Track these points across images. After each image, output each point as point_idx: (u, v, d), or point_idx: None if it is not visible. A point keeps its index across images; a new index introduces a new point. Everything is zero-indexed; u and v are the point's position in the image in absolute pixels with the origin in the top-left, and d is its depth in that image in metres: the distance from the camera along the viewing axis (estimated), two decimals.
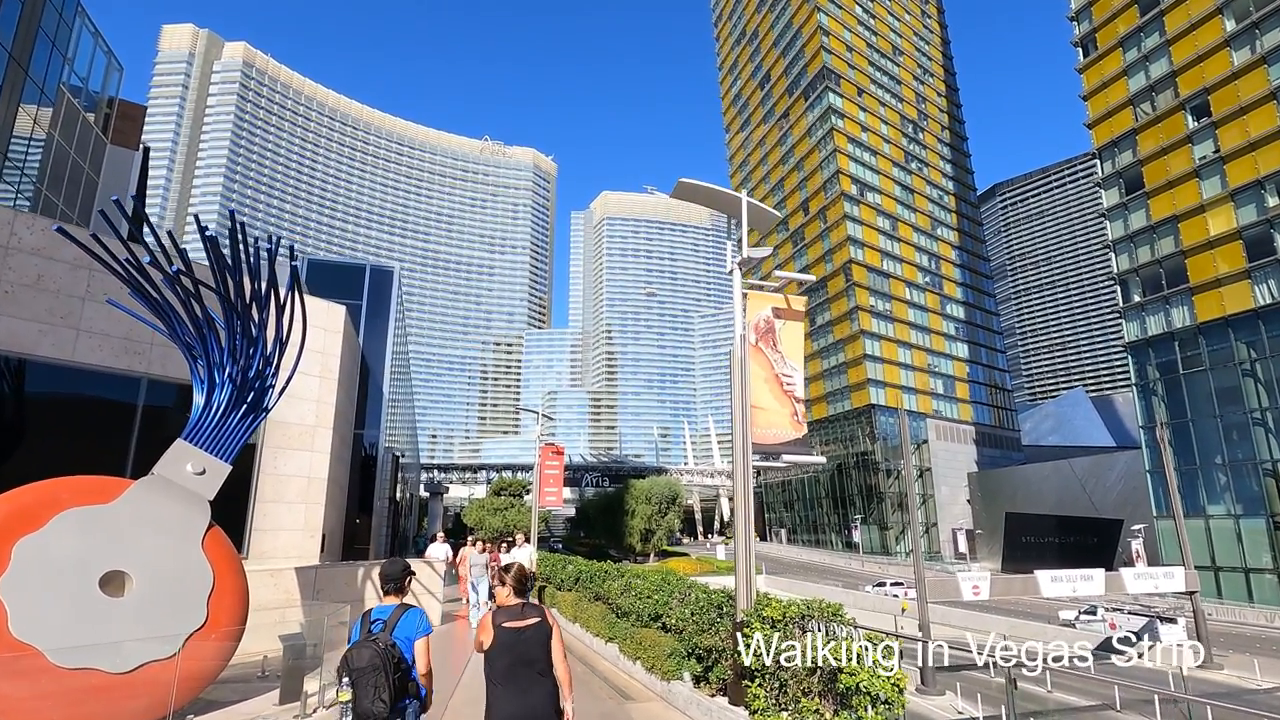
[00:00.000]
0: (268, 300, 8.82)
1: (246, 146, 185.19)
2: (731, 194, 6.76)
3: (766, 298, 6.84)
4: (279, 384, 9.24)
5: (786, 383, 6.73)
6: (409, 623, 4.11)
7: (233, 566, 7.25)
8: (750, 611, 5.72)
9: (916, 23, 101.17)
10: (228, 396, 8.44)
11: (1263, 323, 41.79)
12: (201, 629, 6.69)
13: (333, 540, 17.74)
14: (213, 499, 7.59)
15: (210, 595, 6.87)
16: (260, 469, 14.38)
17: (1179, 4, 48.43)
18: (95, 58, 37.58)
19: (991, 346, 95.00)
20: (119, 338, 12.47)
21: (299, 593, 10.62)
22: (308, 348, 15.93)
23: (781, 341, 6.78)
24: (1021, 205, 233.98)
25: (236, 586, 7.16)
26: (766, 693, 5.19)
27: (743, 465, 6.23)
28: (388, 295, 21.47)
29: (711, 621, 6.56)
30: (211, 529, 7.34)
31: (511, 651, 3.82)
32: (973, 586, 22.97)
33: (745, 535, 6.11)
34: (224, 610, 6.92)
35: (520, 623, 3.90)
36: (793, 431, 6.63)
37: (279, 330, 9.13)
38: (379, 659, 3.81)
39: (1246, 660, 25.56)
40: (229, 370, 8.51)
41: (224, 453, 8.18)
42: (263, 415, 8.87)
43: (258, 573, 10.21)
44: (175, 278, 7.93)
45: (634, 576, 9.93)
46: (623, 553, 67.24)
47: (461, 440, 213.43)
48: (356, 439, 19.50)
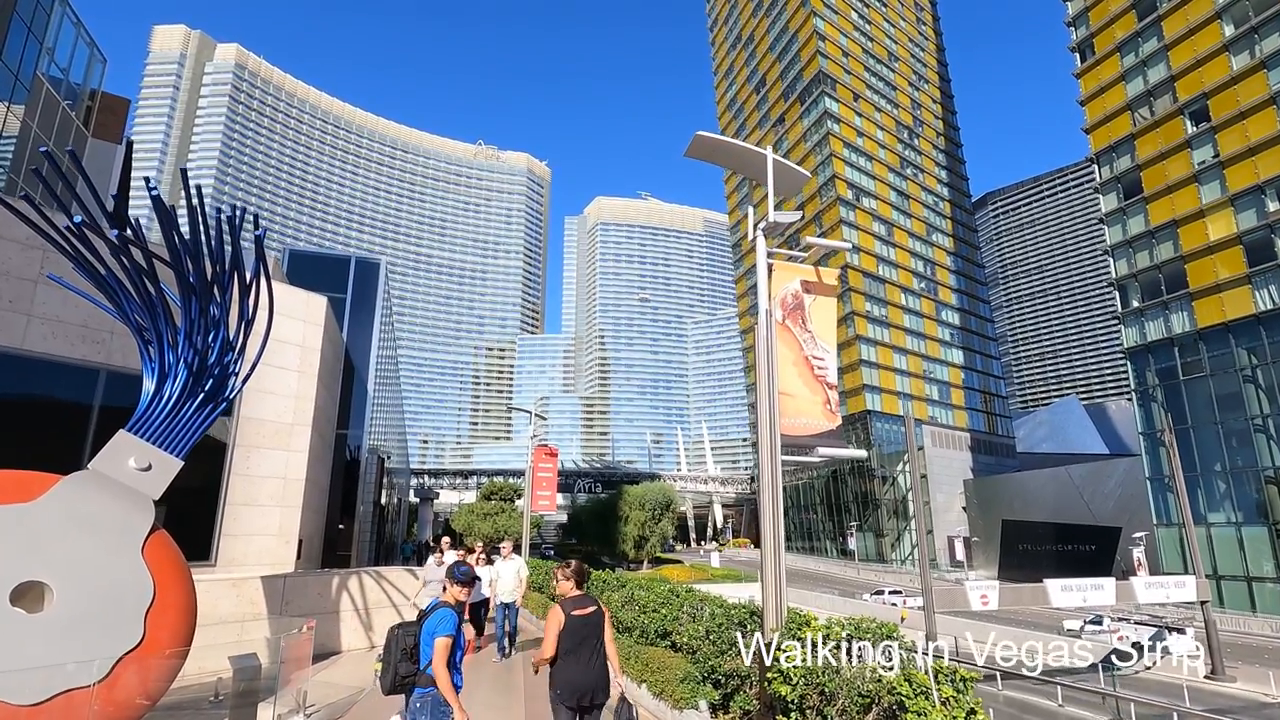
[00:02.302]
0: (230, 277, 7.89)
1: (238, 148, 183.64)
2: (755, 150, 5.91)
3: (795, 269, 5.98)
4: (243, 372, 8.29)
5: (818, 367, 5.87)
6: (433, 620, 4.75)
7: (178, 576, 6.29)
8: (783, 631, 4.83)
9: (912, 29, 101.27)
10: (182, 384, 7.49)
11: (1264, 328, 41.39)
12: (137, 649, 5.72)
13: (311, 546, 16.70)
14: (159, 498, 6.63)
15: (150, 610, 5.91)
16: (231, 469, 13.38)
17: (1177, 9, 48.27)
18: (77, 49, 36.55)
19: (986, 353, 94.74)
20: (75, 325, 11.50)
21: (265, 604, 9.63)
22: (286, 340, 15.02)
23: (812, 319, 5.93)
24: (1013, 214, 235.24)
25: (182, 599, 6.19)
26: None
27: (770, 460, 5.35)
28: (374, 288, 20.48)
29: (732, 641, 5.67)
30: (155, 533, 6.38)
31: (578, 634, 4.72)
32: (981, 596, 22.18)
33: (774, 540, 5.22)
34: (165, 627, 5.95)
35: (584, 610, 4.81)
36: (826, 422, 5.77)
37: (243, 312, 8.20)
38: (392, 642, 4.81)
39: (1259, 672, 24.83)
40: (184, 354, 7.57)
41: (175, 447, 7.22)
42: (223, 406, 7.91)
43: (218, 582, 9.23)
44: (122, 247, 7.00)
45: (637, 587, 9.02)
46: (616, 560, 66.16)
47: (453, 446, 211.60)
48: (339, 439, 18.49)
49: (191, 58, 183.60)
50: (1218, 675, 24.76)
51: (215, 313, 7.98)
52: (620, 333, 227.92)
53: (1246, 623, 38.27)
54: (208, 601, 9.06)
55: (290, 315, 14.87)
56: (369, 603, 11.80)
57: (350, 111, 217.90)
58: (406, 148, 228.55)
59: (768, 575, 5.27)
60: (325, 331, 15.90)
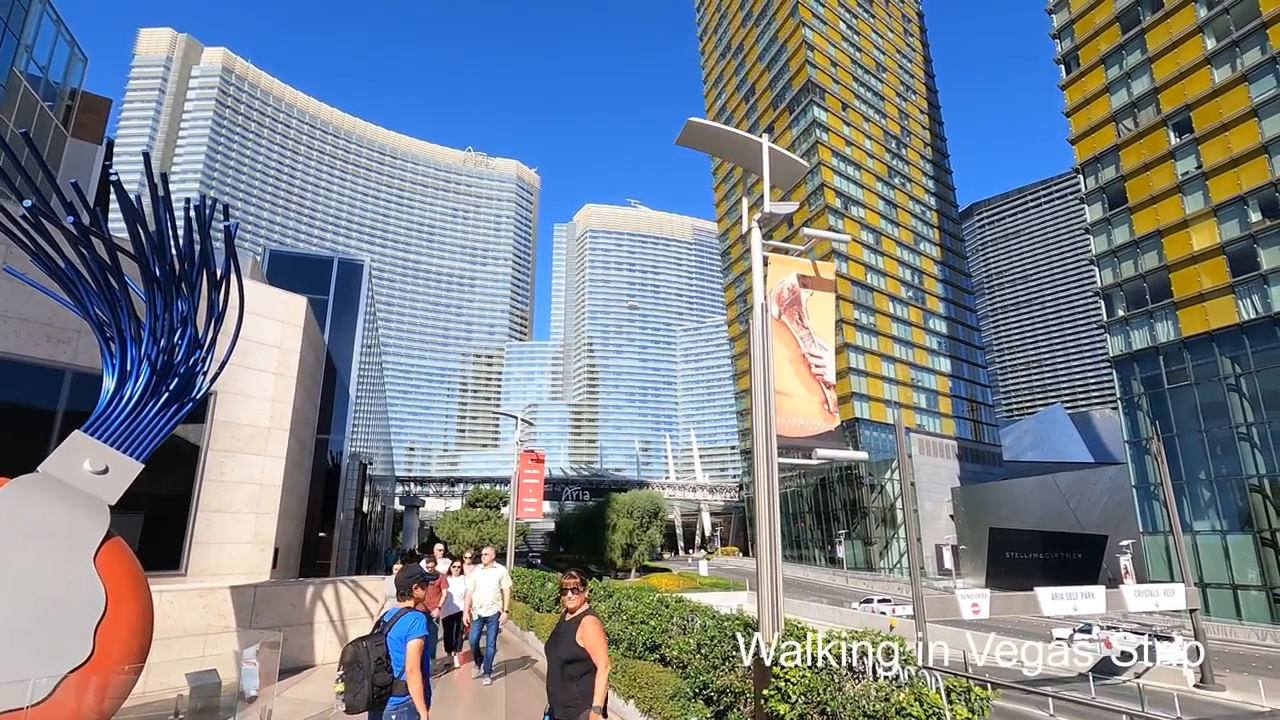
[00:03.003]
0: (199, 270, 7.52)
1: (224, 151, 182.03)
2: (750, 138, 5.64)
3: (791, 263, 5.70)
4: (211, 370, 7.89)
5: (815, 365, 5.59)
6: (402, 625, 4.61)
7: (133, 587, 5.87)
8: (780, 645, 4.52)
9: (899, 40, 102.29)
10: (145, 382, 7.10)
11: (1247, 337, 41.77)
12: (85, 666, 5.31)
13: (288, 555, 16.19)
14: (115, 503, 6.22)
15: (100, 623, 5.50)
16: (204, 474, 12.89)
17: (1160, 22, 48.94)
18: (57, 47, 35.87)
19: (973, 362, 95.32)
20: (39, 323, 11.03)
21: (234, 616, 9.17)
22: (263, 341, 14.57)
23: (809, 316, 5.65)
24: (998, 225, 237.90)
25: (136, 612, 5.78)
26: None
27: (767, 462, 5.04)
28: (357, 290, 20.01)
29: (725, 655, 5.34)
30: (110, 541, 5.97)
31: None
32: (972, 605, 21.96)
33: (770, 547, 4.91)
34: (117, 642, 5.54)
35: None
36: (823, 423, 5.48)
37: (213, 308, 7.82)
38: (360, 654, 4.48)
39: (1248, 680, 24.78)
40: (148, 351, 7.18)
41: (136, 449, 6.82)
42: (189, 406, 7.51)
43: (184, 592, 8.77)
44: (81, 236, 6.62)
45: (625, 597, 8.66)
46: (603, 568, 65.55)
47: (440, 453, 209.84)
48: (319, 444, 18.00)
49: (178, 61, 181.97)
50: (1207, 684, 24.69)
51: (183, 308, 7.61)
52: (609, 340, 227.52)
53: (1233, 631, 38.39)
54: (172, 613, 8.62)
55: (269, 316, 14.43)
56: (345, 614, 11.32)
57: (339, 117, 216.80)
58: (395, 153, 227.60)
59: (763, 584, 4.96)
60: (305, 333, 15.46)
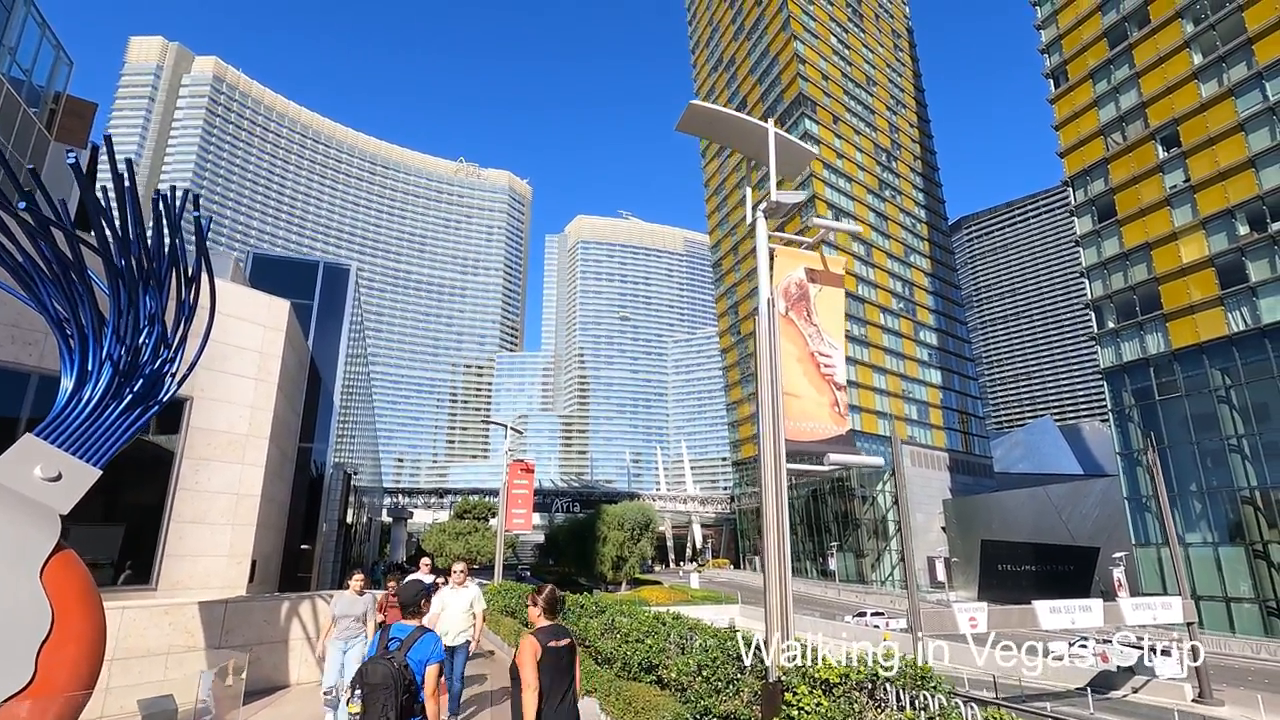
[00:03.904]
0: (168, 264, 7.09)
1: (214, 160, 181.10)
2: (755, 122, 5.31)
3: (798, 255, 5.35)
4: (180, 371, 7.44)
5: (825, 365, 5.23)
6: (424, 646, 4.33)
7: (84, 605, 5.39)
8: (791, 669, 4.11)
9: (889, 55, 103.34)
10: (106, 383, 6.64)
11: (1237, 349, 41.92)
12: (25, 691, 4.82)
13: (267, 567, 15.60)
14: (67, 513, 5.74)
15: (45, 644, 5.01)
16: (178, 483, 12.36)
17: (1147, 38, 49.51)
18: (42, 50, 35.31)
19: (964, 373, 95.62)
20: (4, 324, 10.55)
21: (202, 634, 8.64)
22: (243, 345, 14.06)
23: (817, 312, 5.29)
24: (986, 239, 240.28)
25: (86, 631, 5.30)
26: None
27: (774, 469, 4.66)
28: (343, 296, 19.51)
29: (729, 678, 4.92)
30: (60, 553, 5.48)
31: (555, 668, 4.30)
32: (970, 618, 21.56)
33: (780, 560, 4.51)
34: (64, 664, 5.05)
35: (559, 642, 4.43)
36: (834, 426, 5.11)
37: (183, 306, 7.38)
38: (391, 678, 4.05)
39: (1246, 695, 24.48)
40: (111, 350, 6.73)
41: (94, 454, 6.35)
42: (154, 409, 7.05)
43: (147, 608, 8.24)
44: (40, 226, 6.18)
45: (618, 613, 8.18)
46: (594, 581, 64.76)
47: (429, 465, 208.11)
48: (302, 453, 17.45)
49: (169, 69, 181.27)
50: (1206, 699, 24.35)
51: (151, 305, 7.17)
52: (600, 351, 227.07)
53: (1227, 644, 38.17)
54: (134, 631, 8.09)
55: (250, 319, 13.97)
56: (323, 630, 10.78)
57: (330, 126, 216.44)
58: (387, 164, 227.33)
59: (772, 600, 4.55)
60: (288, 338, 14.99)
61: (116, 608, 7.86)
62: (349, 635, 7.82)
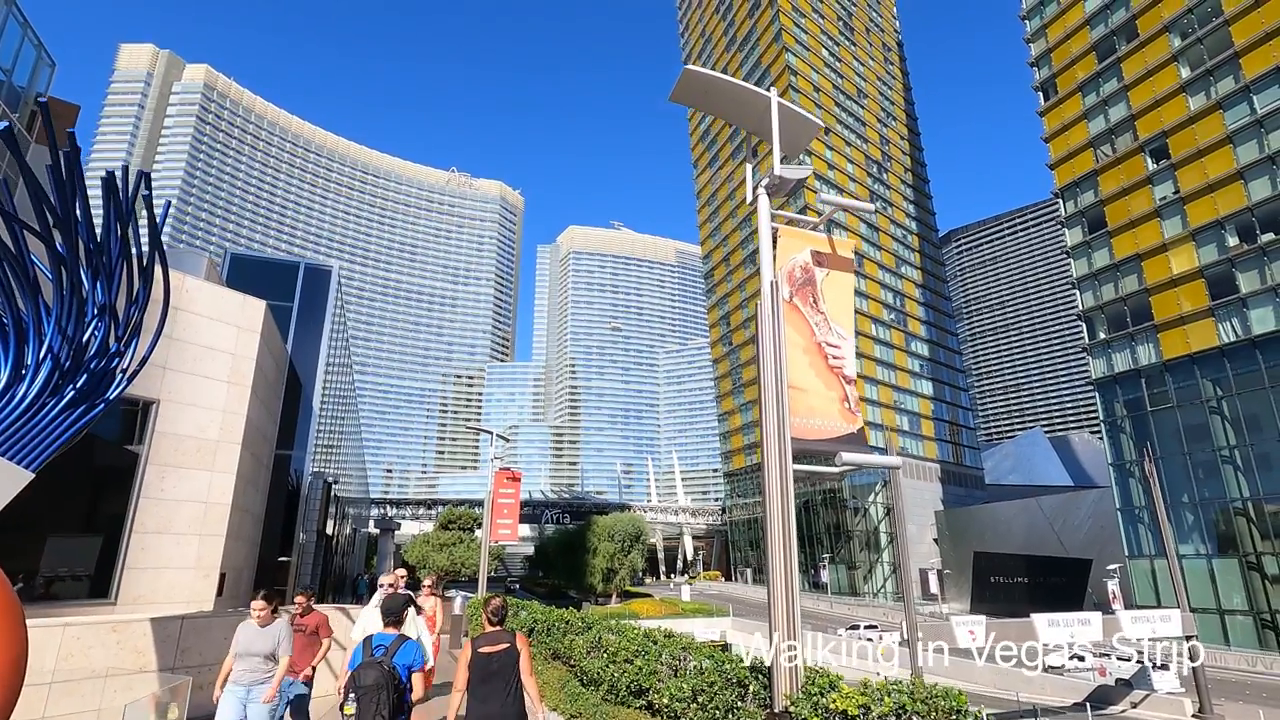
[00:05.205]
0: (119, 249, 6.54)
1: (204, 168, 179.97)
2: (757, 91, 4.86)
3: (804, 236, 4.88)
4: (130, 368, 6.88)
5: (833, 356, 4.75)
6: (407, 653, 4.61)
7: (4, 621, 4.78)
8: (800, 697, 3.58)
9: (880, 68, 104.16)
10: (45, 379, 6.07)
11: (1228, 360, 41.90)
12: None
13: (238, 581, 14.89)
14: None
15: None
16: (141, 491, 11.68)
17: (1135, 51, 49.90)
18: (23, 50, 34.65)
19: (955, 385, 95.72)
20: None
21: (155, 653, 7.98)
22: (215, 347, 13.42)
23: (825, 299, 4.82)
24: (976, 251, 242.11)
25: (3, 653, 4.69)
26: None
27: (780, 469, 4.14)
28: (324, 298, 18.89)
29: (729, 706, 4.38)
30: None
31: (484, 670, 4.56)
32: (968, 631, 21.05)
33: (786, 571, 3.99)
34: None
35: (493, 647, 4.63)
36: (844, 423, 4.62)
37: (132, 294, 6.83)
38: (383, 679, 4.32)
39: (1247, 710, 24.08)
40: (51, 342, 6.16)
41: (28, 456, 5.79)
42: (100, 407, 6.49)
43: (91, 626, 7.59)
44: None
45: (606, 630, 7.58)
46: (584, 593, 63.84)
47: (418, 475, 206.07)
48: (279, 461, 16.77)
49: (159, 77, 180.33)
50: (1206, 714, 23.90)
51: (101, 296, 6.62)
52: (591, 362, 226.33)
53: (1222, 657, 37.78)
54: (76, 651, 7.43)
55: (222, 319, 13.35)
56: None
57: (321, 135, 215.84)
58: (378, 173, 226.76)
59: (777, 616, 4.02)
60: (264, 339, 14.37)
61: (57, 624, 7.21)
62: (253, 680, 6.27)
